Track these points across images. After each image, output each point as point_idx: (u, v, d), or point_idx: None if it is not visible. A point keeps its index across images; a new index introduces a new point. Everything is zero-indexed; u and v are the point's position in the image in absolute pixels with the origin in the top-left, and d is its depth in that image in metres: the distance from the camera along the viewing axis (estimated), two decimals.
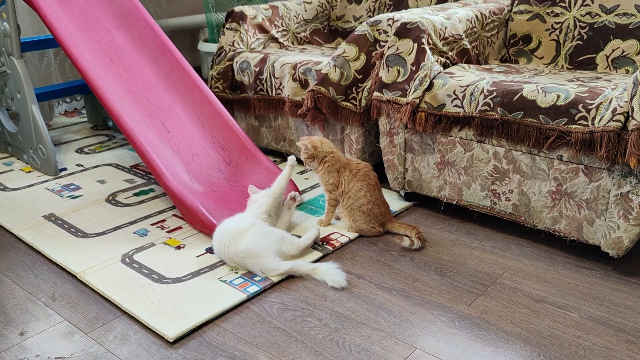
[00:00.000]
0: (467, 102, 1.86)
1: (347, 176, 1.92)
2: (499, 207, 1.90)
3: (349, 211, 1.92)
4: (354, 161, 1.97)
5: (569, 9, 2.19)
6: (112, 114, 2.13)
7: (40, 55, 3.29)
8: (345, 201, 1.93)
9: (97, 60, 2.33)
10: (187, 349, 1.42)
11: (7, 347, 1.43)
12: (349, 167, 1.94)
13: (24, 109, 2.47)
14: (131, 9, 2.51)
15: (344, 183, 1.92)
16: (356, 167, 1.93)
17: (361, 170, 1.93)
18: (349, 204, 1.91)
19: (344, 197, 1.93)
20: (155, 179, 2.10)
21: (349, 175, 1.92)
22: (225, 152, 2.27)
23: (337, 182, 1.93)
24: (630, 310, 1.54)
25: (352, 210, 1.91)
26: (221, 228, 1.77)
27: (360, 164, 1.95)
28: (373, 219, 1.90)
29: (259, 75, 2.49)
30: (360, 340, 1.44)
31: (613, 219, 1.64)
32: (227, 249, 1.71)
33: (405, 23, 1.99)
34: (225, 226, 1.77)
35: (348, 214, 1.92)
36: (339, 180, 1.92)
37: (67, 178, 2.46)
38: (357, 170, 1.93)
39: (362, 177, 1.91)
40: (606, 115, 1.58)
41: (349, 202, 1.91)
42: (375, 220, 1.91)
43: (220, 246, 1.74)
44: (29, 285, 1.70)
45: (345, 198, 1.92)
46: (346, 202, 1.92)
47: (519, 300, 1.59)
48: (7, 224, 2.04)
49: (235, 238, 1.71)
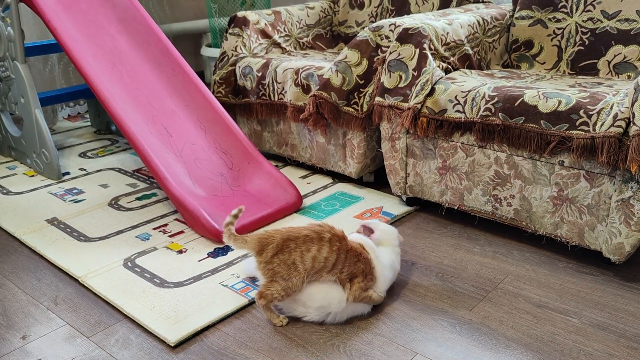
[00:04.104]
0: (468, 108, 1.86)
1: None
2: (500, 212, 1.90)
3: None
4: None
5: (571, 15, 2.19)
6: (115, 118, 2.14)
7: (44, 59, 3.31)
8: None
9: (100, 64, 2.34)
10: (189, 353, 1.42)
11: (9, 351, 1.44)
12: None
13: (27, 113, 2.48)
14: (134, 14, 2.53)
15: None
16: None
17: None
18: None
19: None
20: (158, 183, 2.11)
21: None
22: (228, 157, 2.28)
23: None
24: (632, 316, 1.53)
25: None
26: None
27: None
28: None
29: (261, 80, 2.49)
30: (361, 345, 1.44)
31: (614, 225, 1.64)
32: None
33: (407, 28, 2.00)
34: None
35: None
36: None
37: (70, 182, 2.47)
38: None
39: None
40: (607, 121, 1.58)
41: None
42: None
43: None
44: (31, 289, 1.70)
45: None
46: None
47: (521, 305, 1.59)
48: (10, 228, 2.05)
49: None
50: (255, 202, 2.12)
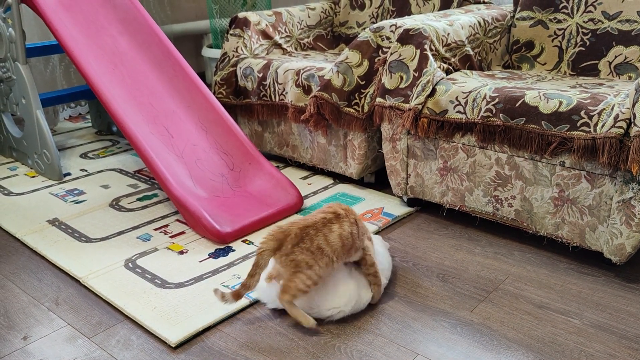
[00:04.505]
0: (469, 108, 1.86)
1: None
2: (501, 213, 1.90)
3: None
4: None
5: (572, 16, 2.19)
6: (116, 119, 2.15)
7: (45, 60, 3.31)
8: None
9: (101, 65, 2.34)
10: (189, 354, 1.42)
11: (10, 352, 1.44)
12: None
13: (28, 114, 2.48)
14: (135, 15, 2.53)
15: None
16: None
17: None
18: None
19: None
20: (159, 184, 2.11)
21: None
22: (229, 158, 2.28)
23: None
24: (633, 317, 1.53)
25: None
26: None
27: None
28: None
29: (262, 81, 2.50)
30: (362, 346, 1.44)
31: (615, 226, 1.64)
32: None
33: (408, 29, 2.00)
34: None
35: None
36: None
37: (71, 183, 2.47)
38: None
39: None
40: (608, 122, 1.58)
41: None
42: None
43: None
44: (32, 290, 1.70)
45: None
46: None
47: (521, 306, 1.59)
48: (11, 229, 2.05)
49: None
50: (256, 202, 2.12)
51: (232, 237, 1.93)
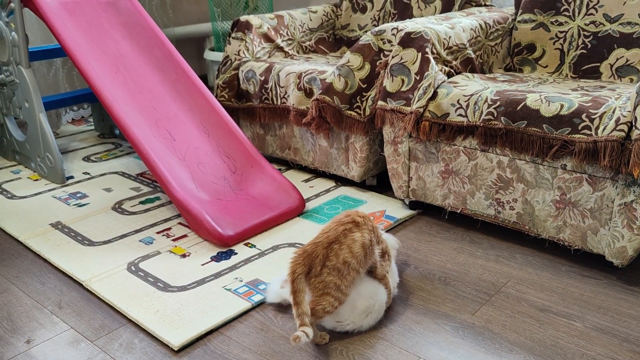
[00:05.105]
0: (471, 111, 1.86)
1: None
2: (503, 216, 1.90)
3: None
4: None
5: (573, 18, 2.19)
6: (118, 122, 2.15)
7: (48, 64, 3.32)
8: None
9: (103, 69, 2.35)
10: (192, 357, 1.43)
11: (13, 355, 1.44)
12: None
13: (31, 117, 2.49)
14: (138, 19, 2.54)
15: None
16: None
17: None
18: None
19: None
20: (161, 187, 2.11)
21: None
22: (231, 161, 2.29)
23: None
24: (635, 320, 1.53)
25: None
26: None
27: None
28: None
29: (264, 84, 2.50)
30: (364, 349, 1.44)
31: (617, 228, 1.64)
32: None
33: (410, 32, 2.00)
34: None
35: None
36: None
37: (73, 186, 2.48)
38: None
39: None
40: (609, 125, 1.59)
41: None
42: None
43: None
44: (35, 293, 1.71)
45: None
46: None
47: (523, 309, 1.59)
48: (14, 232, 2.06)
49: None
50: (258, 205, 2.12)
51: (234, 240, 1.94)
